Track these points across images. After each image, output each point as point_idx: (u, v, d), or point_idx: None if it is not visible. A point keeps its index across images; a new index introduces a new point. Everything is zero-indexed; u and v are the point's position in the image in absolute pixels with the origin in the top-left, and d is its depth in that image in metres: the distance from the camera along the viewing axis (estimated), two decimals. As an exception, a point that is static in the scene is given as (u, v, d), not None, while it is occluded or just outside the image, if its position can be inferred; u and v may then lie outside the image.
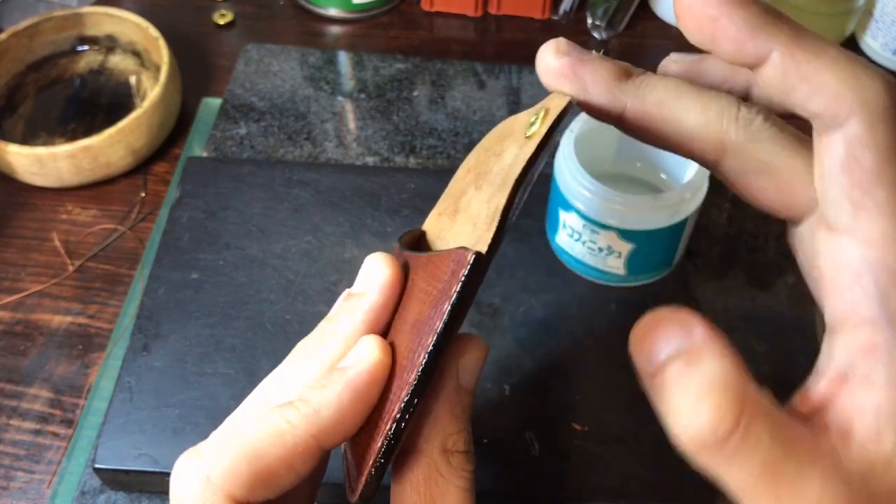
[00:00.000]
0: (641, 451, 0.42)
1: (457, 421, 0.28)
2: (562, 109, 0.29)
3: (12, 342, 0.50)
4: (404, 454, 0.27)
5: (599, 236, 0.46)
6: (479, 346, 0.29)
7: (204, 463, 0.25)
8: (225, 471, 0.25)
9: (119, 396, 0.44)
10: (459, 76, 0.63)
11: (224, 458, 0.25)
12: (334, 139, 0.59)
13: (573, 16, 0.69)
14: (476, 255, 0.26)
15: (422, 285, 0.28)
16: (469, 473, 0.28)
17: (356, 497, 0.27)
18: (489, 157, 0.31)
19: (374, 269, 0.28)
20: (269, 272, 0.49)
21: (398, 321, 0.28)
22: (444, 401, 0.27)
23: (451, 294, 0.26)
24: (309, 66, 0.64)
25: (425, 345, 0.25)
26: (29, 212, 0.56)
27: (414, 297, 0.28)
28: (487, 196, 0.29)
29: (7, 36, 0.60)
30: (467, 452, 0.28)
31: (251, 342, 0.46)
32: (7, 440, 0.46)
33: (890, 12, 0.63)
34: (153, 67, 0.61)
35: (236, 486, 0.25)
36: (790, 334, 0.49)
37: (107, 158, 0.55)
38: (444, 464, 0.27)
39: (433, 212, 0.33)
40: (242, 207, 0.51)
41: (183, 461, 0.26)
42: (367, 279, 0.29)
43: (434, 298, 0.26)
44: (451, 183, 0.33)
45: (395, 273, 0.28)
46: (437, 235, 0.31)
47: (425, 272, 0.28)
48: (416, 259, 0.29)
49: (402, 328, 0.28)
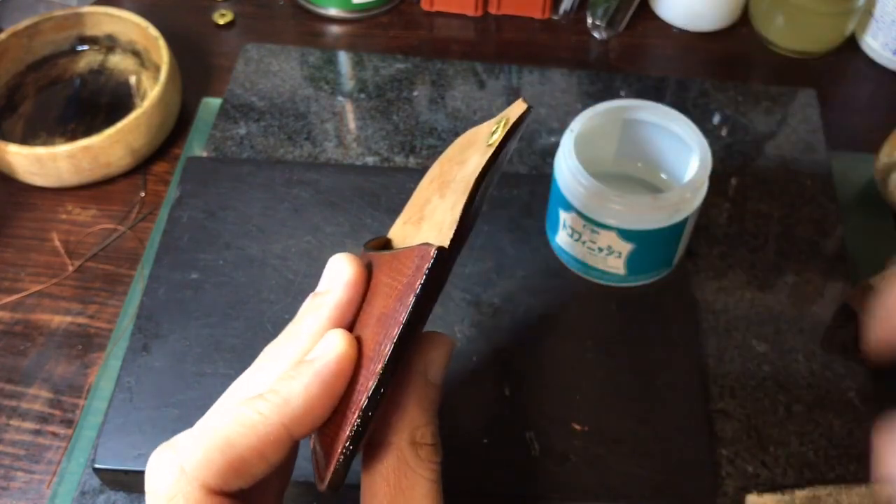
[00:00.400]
0: (641, 451, 0.42)
1: (424, 414, 0.29)
2: (519, 116, 0.30)
3: (12, 342, 0.50)
4: (374, 447, 0.28)
5: (599, 236, 0.46)
6: (445, 342, 0.30)
7: (177, 455, 0.26)
8: (198, 461, 0.25)
9: (119, 396, 0.44)
10: (459, 76, 0.63)
11: (197, 449, 0.26)
12: (334, 139, 0.59)
13: (573, 16, 0.69)
14: (439, 250, 0.27)
15: (386, 281, 0.29)
16: (436, 465, 0.29)
17: (325, 486, 0.27)
18: (452, 167, 0.32)
19: (337, 267, 0.30)
20: (269, 272, 0.49)
21: (363, 317, 0.29)
22: (412, 395, 0.29)
23: (415, 287, 0.27)
24: (309, 66, 0.64)
25: (391, 336, 0.26)
26: (29, 212, 0.56)
27: (379, 293, 0.29)
28: (451, 203, 0.30)
29: (7, 36, 0.60)
30: (434, 445, 0.29)
31: (251, 342, 0.46)
32: (7, 440, 0.46)
33: (890, 12, 0.63)
34: (153, 67, 0.61)
35: (210, 475, 0.25)
36: (790, 334, 0.49)
37: (107, 158, 0.55)
38: (412, 455, 0.28)
39: (398, 220, 0.34)
40: (242, 207, 0.51)
41: (156, 455, 0.26)
42: (330, 278, 0.30)
43: (399, 292, 0.27)
44: (416, 193, 0.35)
45: (358, 271, 0.30)
46: (403, 241, 0.32)
47: (389, 268, 0.29)
48: (380, 258, 0.30)
49: (367, 322, 0.29)
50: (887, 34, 0.64)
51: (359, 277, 0.30)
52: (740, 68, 0.66)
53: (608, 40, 0.67)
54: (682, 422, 0.43)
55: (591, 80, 0.63)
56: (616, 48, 0.67)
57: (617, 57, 0.66)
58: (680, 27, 0.68)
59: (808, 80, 0.64)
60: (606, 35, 0.67)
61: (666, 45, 0.67)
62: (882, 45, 0.65)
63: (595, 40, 0.67)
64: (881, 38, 0.64)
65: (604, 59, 0.66)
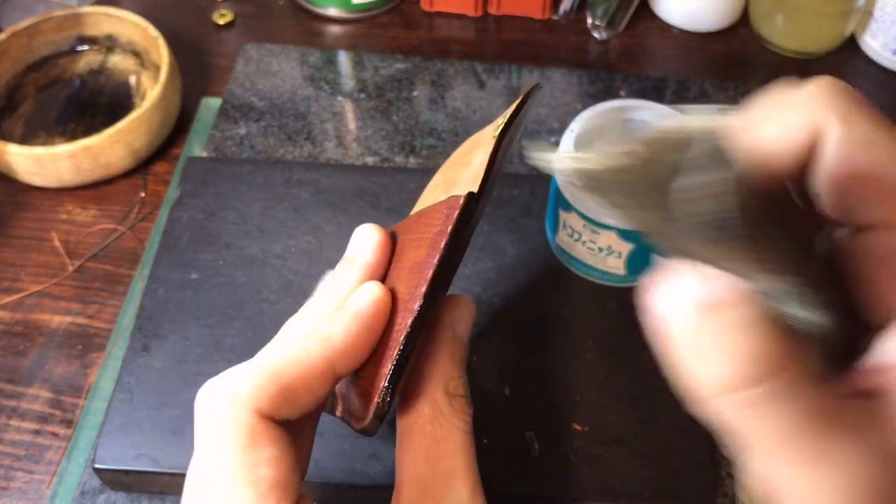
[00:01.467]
0: (641, 451, 0.42)
1: (456, 367, 0.30)
2: (530, 89, 0.32)
3: (12, 342, 0.50)
4: (409, 397, 0.30)
5: (599, 236, 0.45)
6: (469, 303, 0.32)
7: (230, 383, 0.27)
8: (251, 388, 0.27)
9: (119, 396, 0.44)
10: (459, 76, 0.63)
11: (250, 377, 0.27)
12: (334, 139, 0.59)
13: (573, 16, 0.69)
14: (469, 194, 0.29)
15: (414, 237, 0.31)
16: (469, 417, 0.30)
17: (365, 422, 0.28)
18: (457, 170, 0.33)
19: (363, 234, 0.32)
20: (268, 272, 0.49)
21: (392, 275, 0.31)
22: (443, 348, 0.30)
23: (447, 231, 0.28)
24: (309, 66, 0.64)
25: (426, 277, 0.28)
26: (29, 212, 0.56)
27: (406, 250, 0.31)
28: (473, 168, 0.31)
29: (7, 36, 0.60)
30: (466, 398, 0.30)
31: (251, 342, 0.46)
32: (7, 440, 0.46)
33: (890, 12, 0.63)
34: (153, 67, 0.61)
35: (262, 401, 0.26)
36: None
37: (106, 158, 0.55)
38: (446, 405, 0.29)
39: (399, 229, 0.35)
40: (242, 207, 0.51)
41: (207, 385, 0.28)
42: (358, 244, 0.32)
43: (430, 240, 0.29)
44: (420, 201, 0.35)
45: (384, 235, 0.32)
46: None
47: (417, 225, 0.31)
48: (404, 223, 0.33)
49: (398, 276, 0.30)
50: (887, 34, 0.64)
51: (385, 240, 0.32)
52: (740, 68, 0.66)
53: (608, 40, 0.67)
54: (683, 422, 0.43)
55: (591, 80, 0.63)
56: (616, 48, 0.67)
57: (617, 57, 0.66)
58: (680, 27, 0.68)
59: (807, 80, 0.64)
60: (606, 35, 0.67)
61: (666, 45, 0.67)
62: (882, 45, 0.65)
63: (595, 40, 0.67)
64: (881, 38, 0.64)
65: (604, 59, 0.66)
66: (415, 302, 0.28)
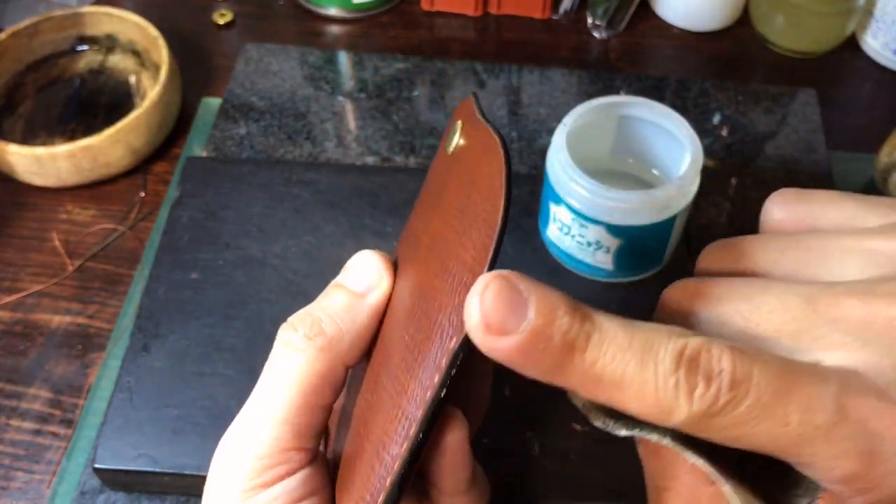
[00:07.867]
0: (641, 451, 0.42)
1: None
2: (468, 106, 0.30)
3: (12, 342, 0.50)
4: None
5: (588, 231, 0.45)
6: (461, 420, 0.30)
7: (316, 331, 0.29)
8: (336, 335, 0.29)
9: (119, 396, 0.44)
10: (459, 76, 0.63)
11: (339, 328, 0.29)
12: (334, 139, 0.59)
13: (573, 15, 0.69)
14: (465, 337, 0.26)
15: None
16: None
17: None
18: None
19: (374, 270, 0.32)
20: (268, 272, 0.49)
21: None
22: None
23: (441, 366, 0.26)
24: (309, 65, 0.64)
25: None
26: (28, 212, 0.56)
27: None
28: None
29: (7, 36, 0.60)
30: None
31: (251, 342, 0.46)
32: (7, 440, 0.46)
33: (890, 12, 0.63)
34: (153, 67, 0.61)
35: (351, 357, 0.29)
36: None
37: (106, 158, 0.55)
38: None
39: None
40: (242, 207, 0.51)
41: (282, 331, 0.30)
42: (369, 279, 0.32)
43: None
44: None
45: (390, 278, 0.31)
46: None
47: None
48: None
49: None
50: (887, 34, 0.64)
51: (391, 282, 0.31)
52: (740, 68, 0.66)
53: (608, 40, 0.67)
54: (682, 422, 0.43)
55: (591, 79, 0.63)
56: (616, 48, 0.67)
57: (617, 57, 0.66)
58: (680, 27, 0.68)
59: (808, 80, 0.64)
60: (606, 35, 0.67)
61: (666, 45, 0.67)
62: (882, 45, 0.65)
63: (595, 40, 0.67)
64: (881, 38, 0.64)
65: (604, 58, 0.66)
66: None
